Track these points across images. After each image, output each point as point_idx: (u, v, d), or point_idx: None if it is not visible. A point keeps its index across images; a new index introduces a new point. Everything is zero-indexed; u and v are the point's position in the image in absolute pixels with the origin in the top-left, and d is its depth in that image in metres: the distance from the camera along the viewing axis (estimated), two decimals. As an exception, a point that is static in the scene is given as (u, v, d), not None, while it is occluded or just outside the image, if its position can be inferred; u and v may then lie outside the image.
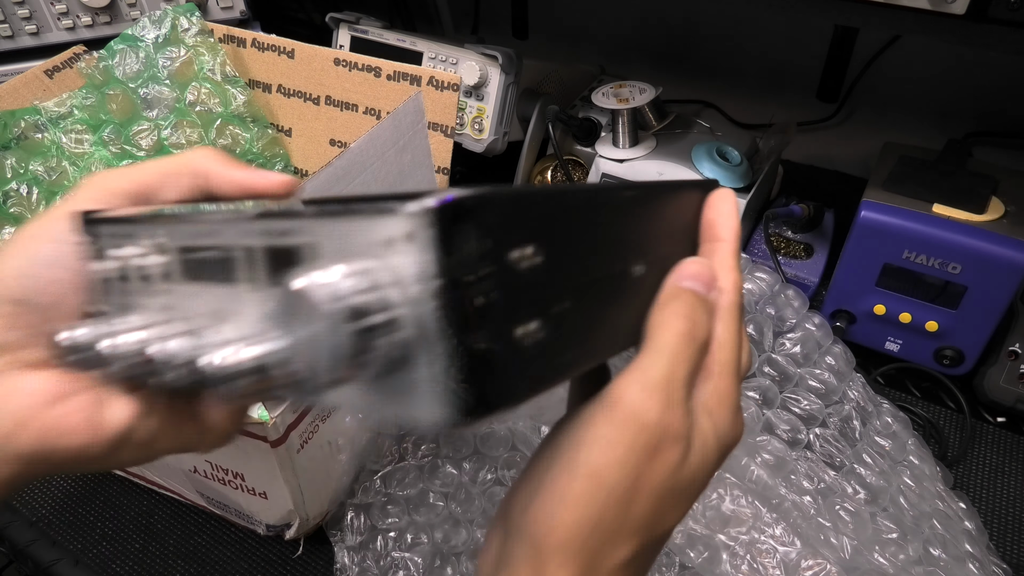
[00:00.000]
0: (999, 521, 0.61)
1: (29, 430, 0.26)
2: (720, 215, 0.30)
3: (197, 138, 0.73)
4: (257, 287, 0.21)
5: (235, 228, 0.22)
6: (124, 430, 0.27)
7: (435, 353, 0.17)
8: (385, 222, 0.18)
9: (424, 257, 0.17)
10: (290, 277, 0.18)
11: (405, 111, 0.53)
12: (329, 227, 0.19)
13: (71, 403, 0.27)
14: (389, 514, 0.58)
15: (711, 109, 1.07)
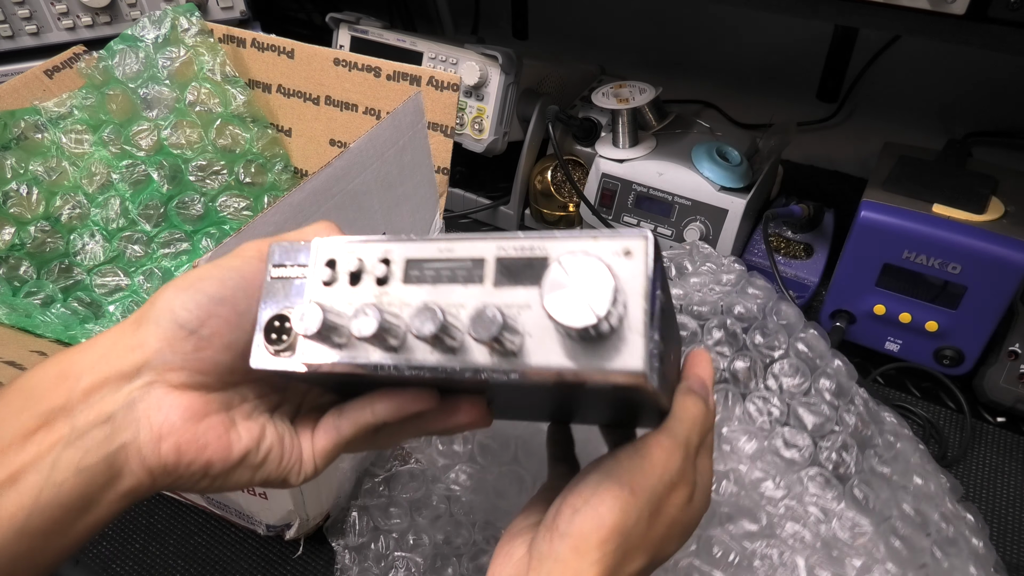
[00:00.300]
0: (999, 521, 0.61)
1: (168, 442, 0.30)
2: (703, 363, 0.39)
3: (197, 138, 0.73)
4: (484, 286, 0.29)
5: (472, 244, 0.29)
6: (248, 448, 0.32)
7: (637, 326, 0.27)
8: (615, 242, 0.27)
9: (643, 264, 0.27)
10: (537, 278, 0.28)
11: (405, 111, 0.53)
12: (567, 246, 0.28)
13: (206, 422, 0.31)
14: (392, 516, 0.58)
15: (711, 109, 1.07)
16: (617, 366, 0.26)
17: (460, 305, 0.29)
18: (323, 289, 0.31)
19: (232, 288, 0.31)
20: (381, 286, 0.30)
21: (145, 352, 0.30)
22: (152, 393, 0.30)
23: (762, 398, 0.62)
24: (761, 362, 0.63)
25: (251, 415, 0.33)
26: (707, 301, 0.66)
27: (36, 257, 0.67)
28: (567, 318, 0.25)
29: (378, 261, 0.30)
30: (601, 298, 0.25)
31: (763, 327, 0.64)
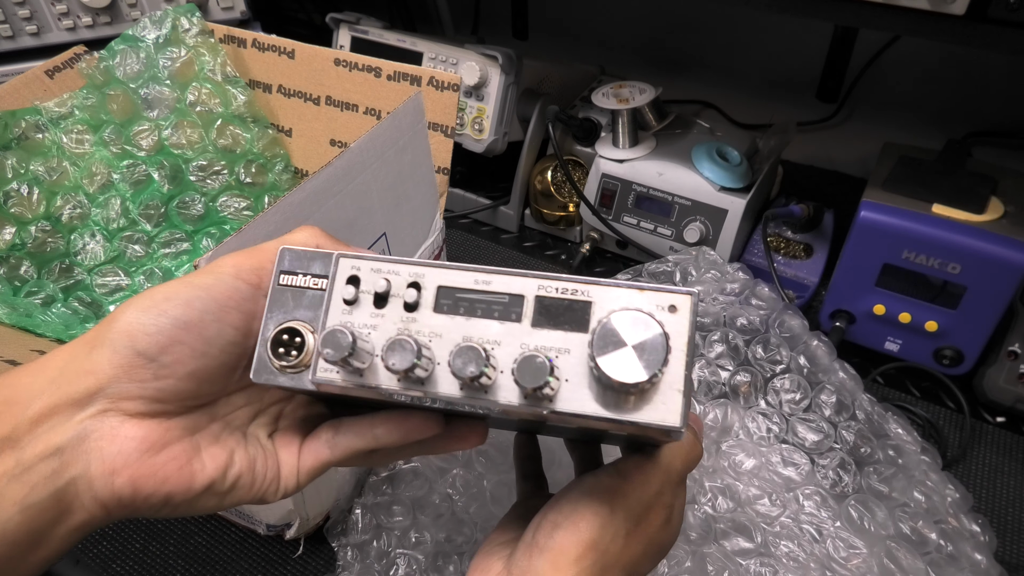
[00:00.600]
0: (999, 521, 0.61)
1: (122, 476, 0.28)
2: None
3: (198, 138, 0.73)
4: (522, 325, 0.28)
5: (511, 280, 0.29)
6: (213, 478, 0.30)
7: (678, 384, 0.27)
8: (663, 296, 0.28)
9: (687, 322, 0.27)
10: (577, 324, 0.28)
11: (405, 111, 0.53)
12: (611, 295, 0.28)
13: (166, 453, 0.29)
14: (394, 513, 0.58)
15: (711, 109, 1.08)
16: (655, 421, 0.27)
17: (495, 343, 0.28)
18: (344, 309, 0.30)
19: (200, 311, 0.29)
20: (409, 312, 0.29)
21: (99, 379, 0.28)
22: (105, 423, 0.28)
23: (762, 414, 0.62)
24: (762, 376, 0.63)
25: (219, 437, 0.31)
26: (709, 312, 0.66)
27: (37, 257, 0.67)
28: (619, 374, 0.26)
29: (407, 285, 0.29)
30: (654, 358, 0.26)
31: (765, 340, 0.64)
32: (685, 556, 0.52)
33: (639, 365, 0.26)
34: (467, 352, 0.27)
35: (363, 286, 0.30)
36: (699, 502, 0.56)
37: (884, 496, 0.57)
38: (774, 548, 0.54)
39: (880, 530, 0.54)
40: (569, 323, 0.28)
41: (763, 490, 0.57)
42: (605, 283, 0.28)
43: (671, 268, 0.73)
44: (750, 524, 0.55)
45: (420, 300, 0.29)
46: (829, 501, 0.56)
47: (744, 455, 0.59)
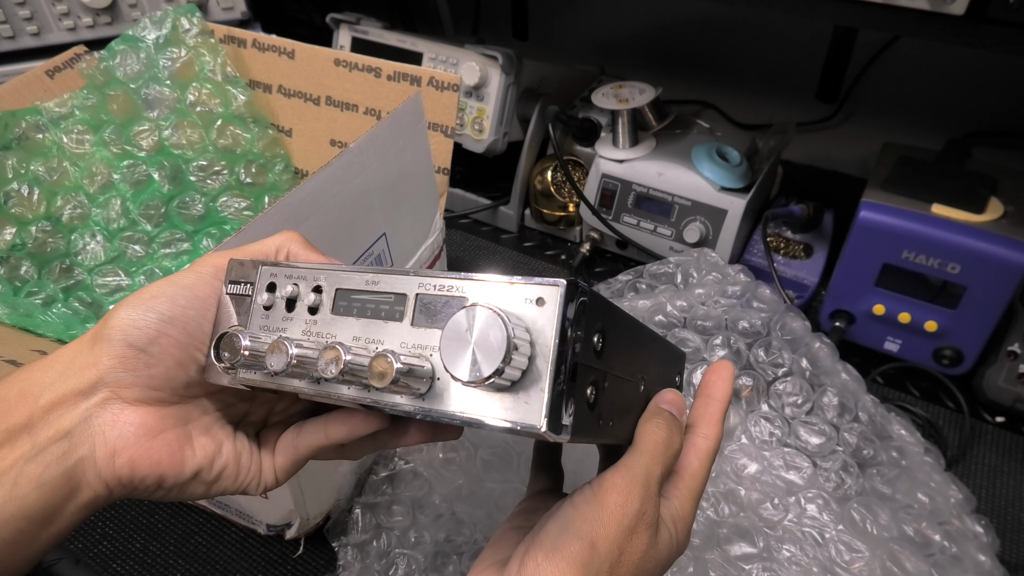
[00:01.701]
0: (998, 521, 0.61)
1: (122, 457, 0.31)
2: (721, 380, 0.38)
3: (198, 138, 0.73)
4: (402, 324, 0.29)
5: (397, 279, 0.29)
6: (201, 465, 0.33)
7: (542, 381, 0.26)
8: (530, 289, 0.26)
9: (554, 314, 0.26)
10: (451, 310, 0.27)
11: (404, 111, 0.53)
12: (484, 289, 0.27)
13: (161, 438, 0.32)
14: (394, 513, 0.58)
15: (711, 109, 1.08)
16: (516, 419, 0.26)
17: (379, 341, 0.29)
18: (263, 313, 0.32)
19: (183, 306, 0.32)
20: (312, 315, 0.31)
21: (99, 370, 0.31)
22: (108, 409, 0.31)
23: (764, 418, 0.62)
24: (764, 380, 0.63)
25: (209, 429, 0.34)
26: (711, 315, 0.66)
27: (37, 257, 0.67)
28: (458, 371, 0.25)
29: (311, 289, 0.31)
30: (492, 355, 0.25)
31: (767, 344, 0.64)
32: (687, 562, 0.52)
33: (477, 362, 0.25)
34: (329, 354, 0.28)
35: (278, 292, 0.32)
36: (702, 507, 0.56)
37: (887, 498, 0.57)
38: (776, 553, 0.54)
39: (883, 532, 0.54)
40: (445, 320, 0.27)
41: (765, 494, 0.57)
42: (479, 278, 0.28)
43: (672, 269, 0.73)
44: (752, 529, 0.55)
45: (321, 302, 0.31)
46: (832, 504, 0.56)
47: (747, 459, 0.59)
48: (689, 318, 0.66)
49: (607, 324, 0.29)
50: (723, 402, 0.37)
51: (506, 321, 0.25)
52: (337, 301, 0.31)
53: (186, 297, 0.33)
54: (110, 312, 0.32)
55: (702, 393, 0.38)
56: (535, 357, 0.26)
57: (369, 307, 0.30)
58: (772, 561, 0.53)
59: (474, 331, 0.25)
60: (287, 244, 0.35)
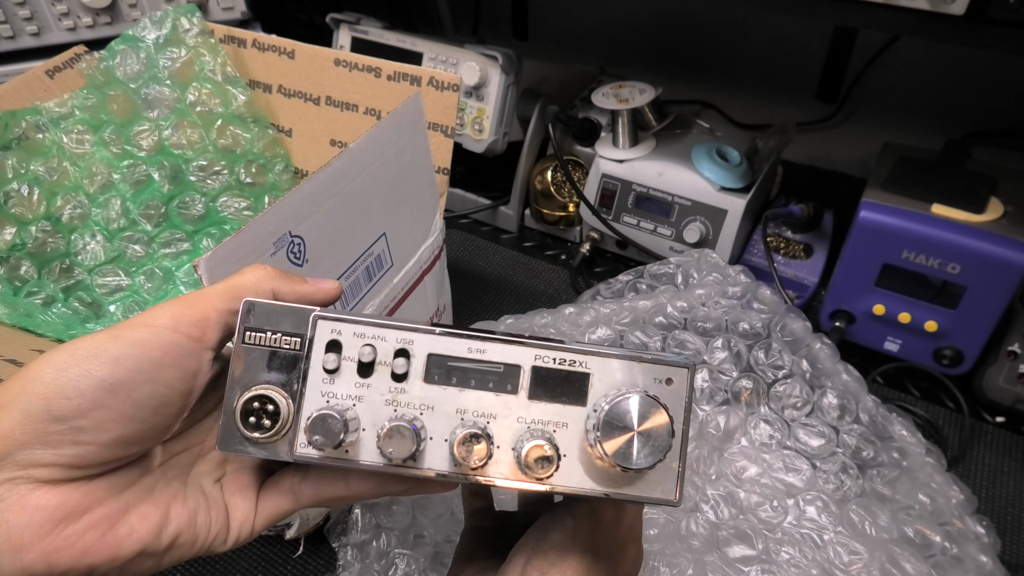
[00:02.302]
0: (998, 521, 0.61)
1: (31, 553, 0.24)
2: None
3: (198, 138, 0.73)
4: (518, 397, 0.28)
5: (506, 348, 0.28)
6: (144, 542, 0.27)
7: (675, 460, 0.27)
8: (659, 369, 0.27)
9: (683, 396, 0.27)
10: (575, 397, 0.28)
11: (404, 111, 0.53)
12: (609, 366, 0.27)
13: (84, 521, 0.26)
14: (394, 513, 0.58)
15: (711, 109, 1.08)
16: (655, 495, 0.27)
17: (491, 416, 0.27)
18: (325, 377, 0.27)
19: (130, 370, 0.26)
20: (398, 383, 0.27)
21: (7, 444, 0.24)
22: (13, 492, 0.24)
23: (764, 420, 0.62)
24: (764, 382, 0.63)
25: (152, 491, 0.28)
26: (712, 317, 0.66)
27: (37, 257, 0.67)
28: (625, 460, 0.26)
29: (395, 353, 0.27)
30: (658, 445, 0.26)
31: (767, 346, 0.64)
32: (687, 564, 0.52)
33: (644, 452, 0.26)
34: (471, 442, 0.26)
35: (345, 352, 0.27)
36: (702, 509, 0.56)
37: (888, 499, 0.57)
38: (776, 555, 0.54)
39: (883, 534, 0.54)
40: (567, 395, 0.27)
41: (765, 496, 0.57)
42: (604, 353, 0.28)
43: (673, 270, 0.73)
44: (752, 531, 0.55)
45: (410, 369, 0.27)
46: (831, 506, 0.56)
47: (746, 462, 0.59)
48: (690, 319, 0.66)
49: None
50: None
51: (667, 410, 0.26)
52: (430, 368, 0.27)
53: (135, 358, 0.26)
54: (29, 370, 0.25)
55: None
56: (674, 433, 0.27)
57: (473, 376, 0.27)
58: (771, 563, 0.53)
59: (638, 420, 0.26)
60: (266, 282, 0.29)
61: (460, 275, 0.87)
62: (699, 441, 0.61)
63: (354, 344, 0.27)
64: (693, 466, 0.59)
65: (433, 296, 0.67)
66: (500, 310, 0.83)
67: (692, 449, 0.60)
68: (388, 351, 0.27)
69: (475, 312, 0.83)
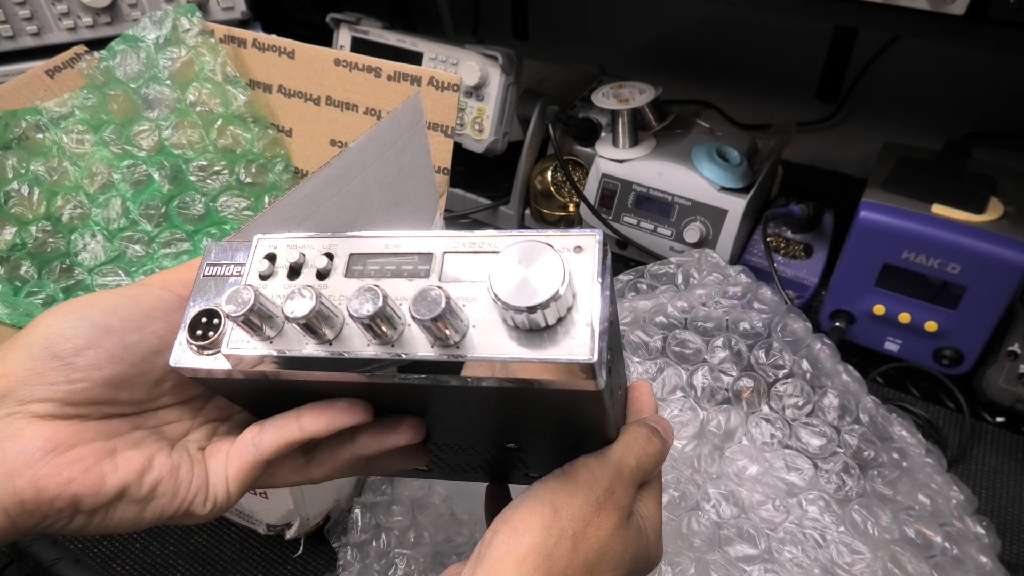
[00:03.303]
0: (998, 521, 0.61)
1: (22, 477, 0.26)
2: (643, 395, 0.38)
3: (198, 138, 0.73)
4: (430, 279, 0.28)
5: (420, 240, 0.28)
6: (126, 481, 0.28)
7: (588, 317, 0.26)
8: (567, 240, 0.27)
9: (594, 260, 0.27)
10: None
11: (404, 111, 0.53)
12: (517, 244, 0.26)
13: (71, 454, 0.28)
14: (394, 513, 0.58)
15: (711, 109, 1.07)
16: (565, 356, 0.25)
17: (404, 298, 0.27)
18: (260, 282, 0.29)
19: (122, 317, 0.29)
20: (321, 280, 0.29)
21: (9, 381, 0.27)
22: (11, 424, 0.27)
23: (765, 419, 0.62)
24: (765, 381, 0.63)
25: (141, 443, 0.30)
26: (712, 317, 0.66)
27: (37, 257, 0.67)
28: (514, 299, 0.25)
29: (320, 255, 0.29)
30: (550, 280, 0.25)
31: (768, 345, 0.64)
32: (689, 564, 0.52)
33: (535, 287, 0.25)
34: (363, 294, 0.26)
35: (279, 261, 0.30)
36: (703, 508, 0.56)
37: (888, 499, 0.57)
38: (778, 554, 0.54)
39: (884, 534, 0.54)
40: (477, 274, 0.27)
41: (767, 496, 0.57)
42: (511, 234, 0.28)
43: (673, 270, 0.73)
44: (754, 530, 0.55)
45: (332, 267, 0.29)
46: (833, 506, 0.56)
47: (748, 461, 0.59)
48: (690, 319, 0.66)
49: (613, 304, 0.29)
50: (655, 410, 0.38)
51: (558, 250, 0.25)
52: (351, 265, 0.29)
53: (127, 307, 0.29)
54: (36, 319, 0.29)
55: (632, 411, 0.38)
56: (577, 302, 0.26)
57: (389, 268, 0.28)
58: (774, 563, 0.53)
59: (527, 263, 0.25)
60: None
61: (460, 275, 0.87)
62: (700, 440, 0.61)
63: (287, 253, 0.29)
64: (695, 464, 0.59)
65: (433, 296, 0.67)
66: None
67: (693, 447, 0.60)
68: (316, 255, 0.29)
69: (475, 312, 0.83)
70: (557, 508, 0.29)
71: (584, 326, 0.26)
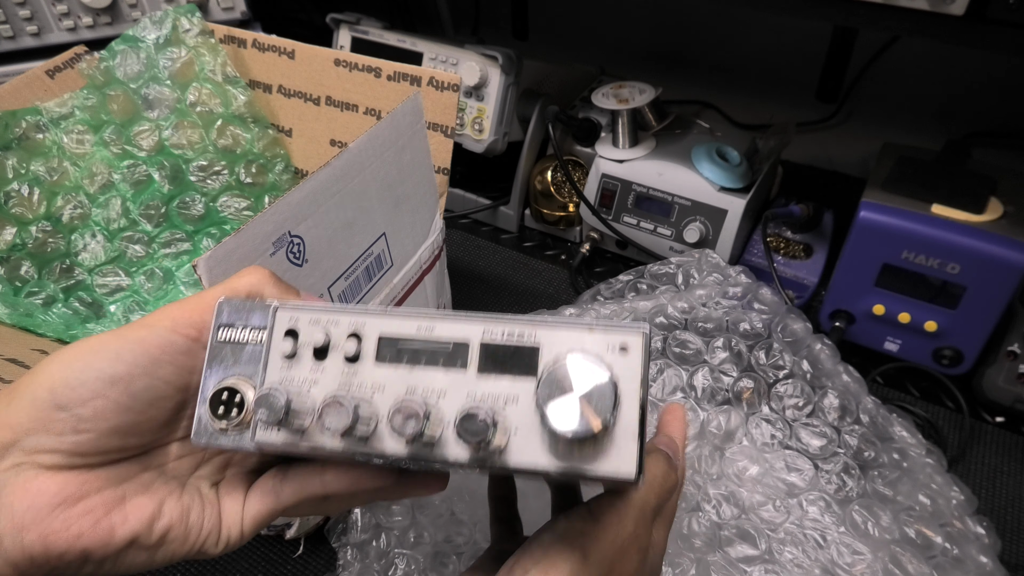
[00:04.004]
0: (998, 521, 0.61)
1: (31, 534, 0.26)
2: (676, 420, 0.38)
3: (198, 138, 0.73)
4: (467, 372, 0.27)
5: (454, 325, 0.27)
6: (136, 532, 0.28)
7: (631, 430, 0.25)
8: (612, 336, 0.26)
9: (639, 362, 0.26)
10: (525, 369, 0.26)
11: (403, 111, 0.53)
12: (558, 337, 0.26)
13: (80, 507, 0.27)
14: (393, 513, 0.58)
15: (711, 109, 1.07)
16: (609, 471, 0.25)
17: (441, 393, 0.27)
18: (284, 363, 0.28)
19: (129, 364, 0.28)
20: (351, 364, 0.28)
21: (15, 431, 0.27)
22: (19, 477, 0.27)
23: (765, 420, 0.62)
24: (765, 382, 0.63)
25: (150, 486, 0.30)
26: (712, 317, 0.66)
27: (37, 257, 0.67)
28: (565, 424, 0.24)
29: (347, 336, 0.28)
30: (602, 408, 0.24)
31: (768, 346, 0.64)
32: (690, 564, 0.52)
33: (587, 414, 0.24)
34: (406, 408, 0.25)
35: (302, 338, 0.28)
36: (704, 509, 0.56)
37: (889, 500, 0.57)
38: (778, 555, 0.54)
39: (884, 534, 0.54)
40: (517, 368, 0.26)
41: (767, 496, 0.57)
42: (553, 323, 0.26)
43: (673, 270, 0.73)
44: (754, 531, 0.55)
45: (361, 351, 0.28)
46: (833, 506, 0.56)
47: (748, 461, 0.59)
48: (690, 320, 0.66)
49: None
50: (683, 440, 0.38)
51: (611, 369, 0.25)
52: (382, 349, 0.27)
53: (134, 353, 0.28)
54: (39, 365, 0.28)
55: (659, 431, 0.38)
56: (620, 406, 0.25)
57: (423, 355, 0.27)
58: (774, 563, 0.53)
59: (579, 382, 0.24)
60: (260, 286, 0.31)
61: (460, 275, 0.88)
62: (700, 440, 0.61)
63: (310, 331, 0.28)
64: (695, 465, 0.59)
65: (433, 296, 0.67)
66: (500, 310, 0.83)
67: (694, 448, 0.60)
68: (341, 335, 0.28)
69: (475, 312, 0.83)
70: (586, 554, 0.29)
71: (628, 439, 0.25)
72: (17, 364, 0.50)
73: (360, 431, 0.26)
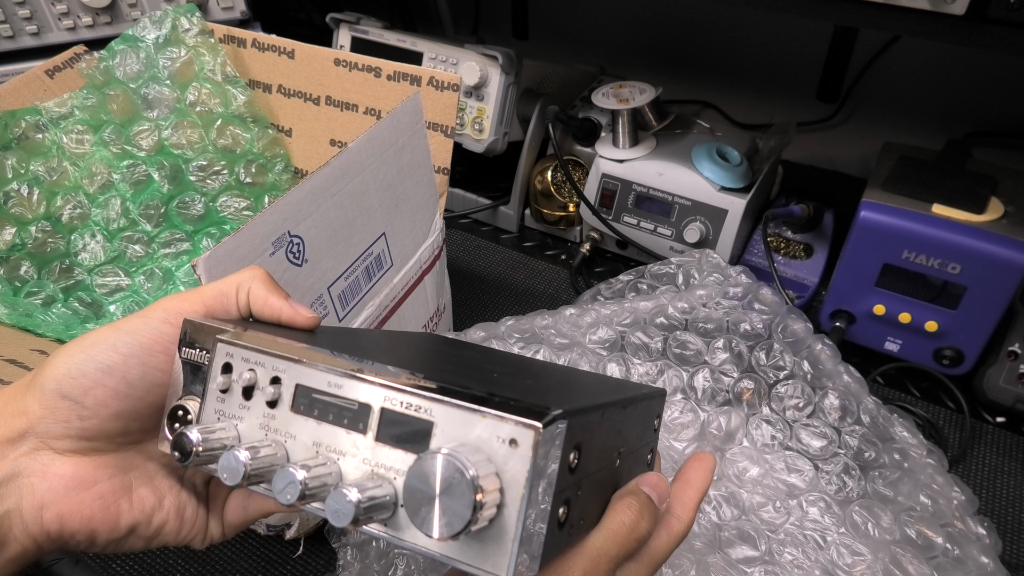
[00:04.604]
0: (998, 521, 0.61)
1: (50, 512, 0.29)
2: (703, 469, 0.37)
3: (198, 138, 0.73)
4: (366, 438, 0.26)
5: (360, 386, 0.27)
6: (138, 521, 0.31)
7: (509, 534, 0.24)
8: (502, 427, 0.24)
9: (527, 463, 0.23)
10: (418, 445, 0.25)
11: (403, 111, 0.53)
12: (453, 415, 0.25)
13: (94, 491, 0.30)
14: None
15: (711, 109, 1.08)
16: (481, 568, 0.24)
17: (341, 454, 0.27)
18: (219, 396, 0.30)
19: (124, 354, 0.30)
20: (271, 408, 0.29)
21: (29, 419, 0.29)
22: (38, 460, 0.30)
23: (766, 421, 0.62)
24: (766, 383, 0.63)
25: (152, 478, 0.33)
26: (713, 318, 0.66)
27: (37, 257, 0.67)
28: (425, 526, 0.23)
29: (270, 380, 0.29)
30: (460, 511, 0.23)
31: (769, 346, 0.64)
32: (690, 566, 0.52)
33: (443, 520, 0.23)
34: (286, 479, 0.25)
35: (234, 375, 0.29)
36: (704, 510, 0.56)
37: (889, 500, 0.57)
38: (779, 556, 0.54)
39: (885, 535, 0.54)
40: (410, 443, 0.26)
41: (767, 497, 0.57)
42: (449, 402, 0.25)
43: (673, 270, 0.73)
44: (755, 532, 0.55)
45: (280, 397, 0.28)
46: (834, 507, 0.56)
47: (748, 462, 0.59)
48: (691, 320, 0.66)
49: (585, 436, 0.27)
50: (701, 491, 0.36)
51: (473, 476, 0.23)
52: (297, 398, 0.28)
53: (128, 344, 0.30)
54: (48, 359, 0.31)
55: (682, 478, 0.36)
56: (504, 505, 0.24)
57: (331, 411, 0.27)
58: (774, 564, 0.53)
59: (438, 482, 0.23)
60: (248, 283, 0.33)
61: (460, 275, 0.87)
62: (701, 441, 0.61)
63: (241, 368, 0.29)
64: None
65: (433, 296, 0.67)
66: (500, 310, 0.83)
67: (694, 449, 0.60)
68: (265, 378, 0.29)
69: (475, 312, 0.83)
70: None
71: (504, 542, 0.24)
72: (16, 365, 0.50)
73: (254, 478, 0.27)
